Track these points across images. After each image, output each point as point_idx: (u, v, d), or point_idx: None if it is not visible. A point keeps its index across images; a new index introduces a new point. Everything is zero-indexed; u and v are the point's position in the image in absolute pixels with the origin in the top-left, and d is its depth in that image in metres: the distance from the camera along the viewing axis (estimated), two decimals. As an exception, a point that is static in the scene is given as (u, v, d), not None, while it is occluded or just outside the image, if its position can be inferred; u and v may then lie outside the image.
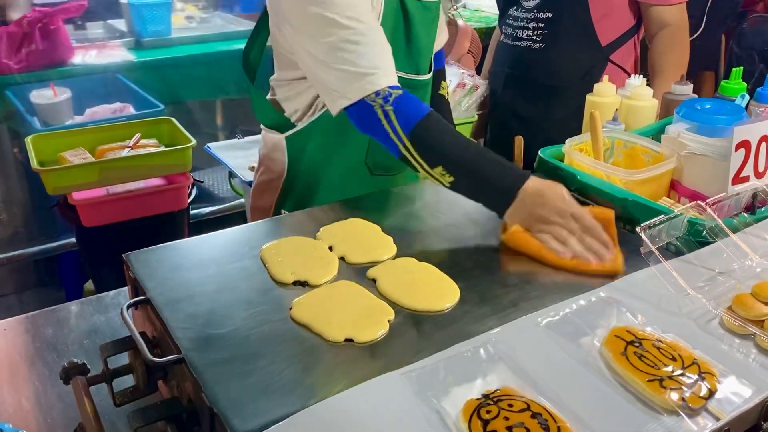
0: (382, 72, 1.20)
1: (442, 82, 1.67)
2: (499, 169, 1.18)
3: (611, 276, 1.03)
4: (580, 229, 1.11)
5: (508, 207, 1.14)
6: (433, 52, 1.62)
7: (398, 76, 1.35)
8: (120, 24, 3.10)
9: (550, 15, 2.03)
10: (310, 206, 1.43)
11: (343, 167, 1.50)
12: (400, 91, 1.20)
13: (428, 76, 1.52)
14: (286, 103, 1.49)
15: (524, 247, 1.11)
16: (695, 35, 2.95)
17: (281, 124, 1.51)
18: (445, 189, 1.23)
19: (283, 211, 1.54)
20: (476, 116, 2.52)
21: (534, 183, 1.14)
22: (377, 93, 1.19)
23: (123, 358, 0.97)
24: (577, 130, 1.54)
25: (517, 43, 2.13)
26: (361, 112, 1.21)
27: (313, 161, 1.50)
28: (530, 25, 2.07)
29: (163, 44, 2.98)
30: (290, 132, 1.49)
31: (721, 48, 3.46)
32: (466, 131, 2.64)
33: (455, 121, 2.53)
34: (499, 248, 1.12)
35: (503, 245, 1.13)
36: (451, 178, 1.18)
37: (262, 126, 1.58)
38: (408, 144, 1.18)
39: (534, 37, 2.07)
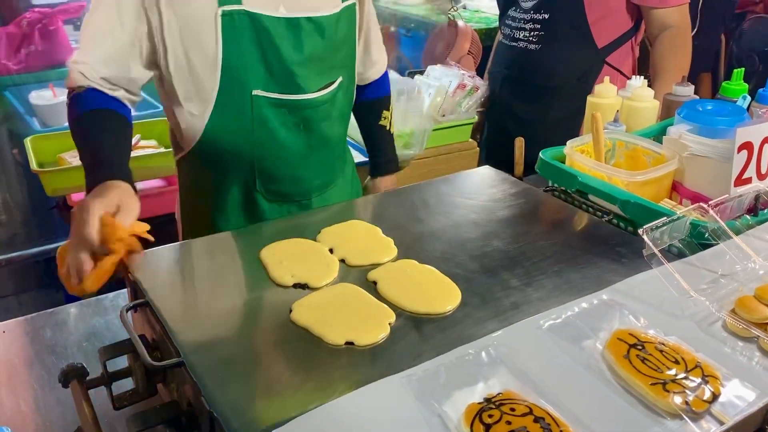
0: (83, 68, 1.22)
1: (384, 111, 1.59)
2: (96, 167, 1.15)
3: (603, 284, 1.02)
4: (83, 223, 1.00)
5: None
6: (367, 77, 1.56)
7: (269, 98, 1.31)
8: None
9: (546, 16, 2.03)
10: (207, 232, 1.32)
11: (234, 195, 1.42)
12: (85, 88, 1.23)
13: (315, 96, 1.37)
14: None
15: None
16: (692, 37, 2.95)
17: (175, 145, 1.47)
18: (446, 190, 1.27)
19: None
20: (476, 117, 2.52)
21: (97, 189, 1.08)
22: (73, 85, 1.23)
23: (122, 361, 0.96)
24: (573, 131, 1.54)
25: (514, 43, 2.13)
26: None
27: (200, 186, 1.45)
28: (527, 26, 2.08)
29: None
30: (179, 156, 1.45)
31: (721, 49, 3.46)
32: (466, 132, 2.64)
33: (455, 122, 2.54)
34: (501, 250, 1.12)
35: (497, 247, 1.13)
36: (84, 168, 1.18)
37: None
38: (71, 129, 1.23)
39: (530, 38, 2.07)
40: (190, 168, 1.45)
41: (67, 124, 1.26)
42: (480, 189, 1.36)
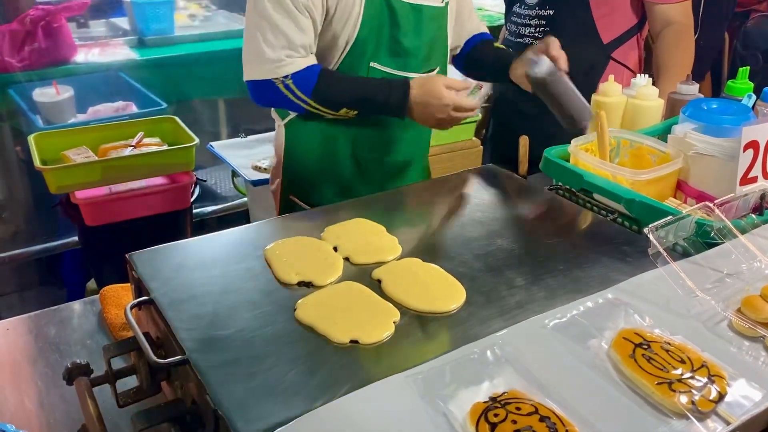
0: (289, 61, 1.40)
1: (494, 42, 1.77)
2: (385, 91, 1.44)
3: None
4: (454, 110, 1.42)
5: (406, 117, 1.46)
6: (469, 30, 1.74)
7: (382, 71, 1.48)
8: (123, 22, 3.10)
9: (551, 12, 2.03)
10: (309, 196, 1.61)
11: (333, 159, 1.59)
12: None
13: (419, 75, 1.55)
14: None
15: None
16: (695, 36, 2.94)
17: (282, 110, 1.61)
18: (451, 188, 1.27)
19: (291, 197, 1.63)
20: (479, 115, 2.51)
21: (414, 94, 1.42)
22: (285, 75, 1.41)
23: (126, 359, 0.96)
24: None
25: (520, 39, 2.12)
26: (262, 87, 1.43)
27: (306, 149, 1.60)
28: (532, 22, 2.07)
29: (165, 42, 2.97)
30: (287, 119, 1.60)
31: (724, 48, 3.45)
32: (469, 131, 2.64)
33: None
34: (505, 249, 1.11)
35: (503, 247, 1.13)
36: (355, 111, 1.46)
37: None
38: (312, 103, 1.43)
39: (536, 34, 2.07)
40: (298, 128, 1.60)
41: (71, 121, 1.27)
42: (484, 187, 1.36)
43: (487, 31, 1.80)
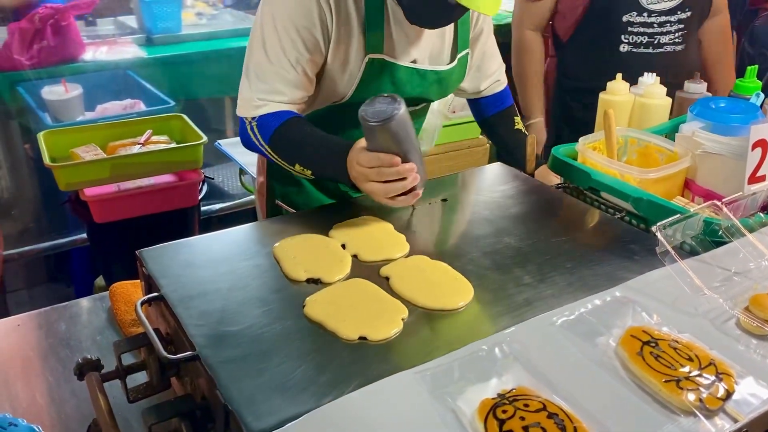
0: (261, 103, 1.33)
1: (515, 117, 1.68)
2: (332, 156, 1.27)
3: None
4: (376, 174, 1.16)
5: (354, 187, 1.25)
6: (485, 89, 1.63)
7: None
8: (131, 20, 3.11)
9: (689, 14, 1.97)
10: (297, 197, 1.54)
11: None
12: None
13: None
14: None
15: None
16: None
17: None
18: (458, 186, 1.28)
19: (278, 203, 1.58)
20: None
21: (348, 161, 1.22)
22: (253, 117, 1.34)
23: (137, 354, 0.97)
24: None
25: (660, 49, 1.99)
26: (240, 124, 1.37)
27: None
28: (672, 28, 1.97)
29: (173, 41, 2.98)
30: None
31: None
32: (476, 129, 2.63)
33: (465, 119, 2.53)
34: (513, 247, 1.12)
35: (509, 245, 1.13)
36: (310, 171, 1.31)
37: None
38: (270, 151, 1.33)
39: (676, 40, 1.99)
40: None
41: (79, 119, 1.27)
42: (492, 186, 1.36)
43: (505, 80, 1.68)
